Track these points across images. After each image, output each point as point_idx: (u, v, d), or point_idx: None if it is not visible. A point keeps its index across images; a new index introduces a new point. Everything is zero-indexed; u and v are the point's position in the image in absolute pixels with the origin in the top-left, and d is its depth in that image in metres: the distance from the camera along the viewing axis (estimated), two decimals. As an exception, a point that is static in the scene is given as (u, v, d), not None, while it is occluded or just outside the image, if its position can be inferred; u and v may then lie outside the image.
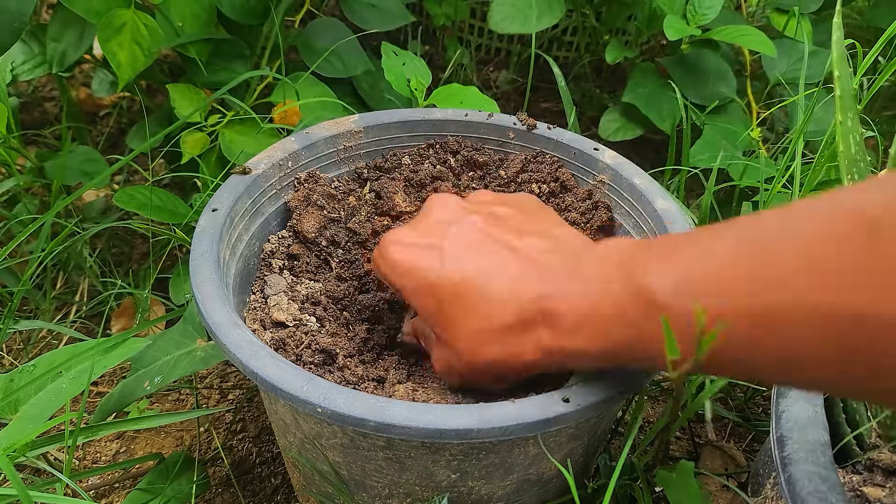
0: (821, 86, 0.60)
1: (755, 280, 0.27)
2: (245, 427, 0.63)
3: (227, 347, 0.38)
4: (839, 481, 0.36)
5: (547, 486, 0.44)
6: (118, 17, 0.63)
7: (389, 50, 0.70)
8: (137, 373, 0.52)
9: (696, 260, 0.30)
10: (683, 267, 0.30)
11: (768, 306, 0.26)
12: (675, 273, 0.30)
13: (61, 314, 0.71)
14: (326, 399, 0.35)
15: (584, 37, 0.96)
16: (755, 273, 0.27)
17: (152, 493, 0.54)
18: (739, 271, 0.27)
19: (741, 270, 0.27)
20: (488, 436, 0.35)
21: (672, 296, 0.29)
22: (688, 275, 0.29)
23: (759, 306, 0.27)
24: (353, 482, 0.43)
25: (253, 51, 0.76)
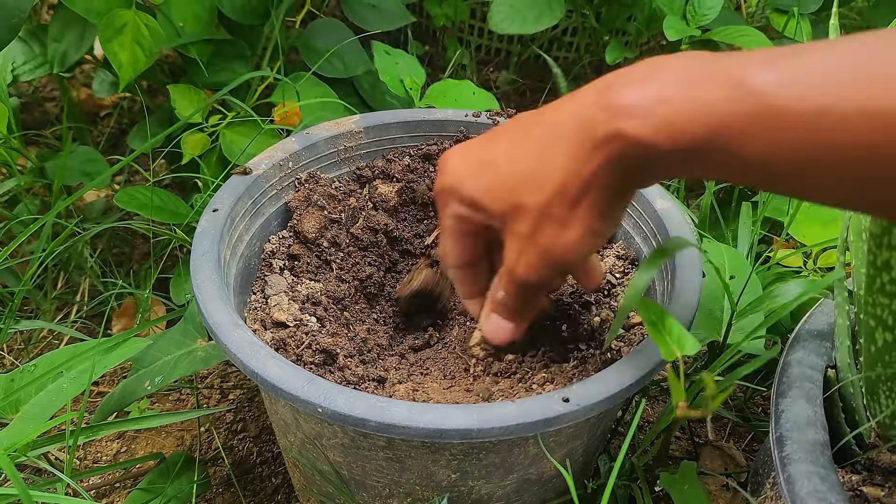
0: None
1: (875, 81, 0.25)
2: (246, 427, 0.63)
3: (227, 347, 0.38)
4: (838, 481, 0.36)
5: (547, 485, 0.44)
6: (119, 17, 0.63)
7: (381, 49, 0.70)
8: (138, 373, 0.52)
9: (799, 62, 0.27)
10: (785, 66, 0.27)
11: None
12: (777, 70, 0.27)
13: (62, 314, 0.71)
14: (327, 399, 0.35)
15: (584, 37, 0.97)
16: (874, 72, 0.25)
17: (153, 493, 0.54)
18: (858, 73, 0.26)
19: (859, 73, 0.26)
20: (488, 435, 0.35)
21: (777, 86, 0.27)
22: (791, 70, 0.27)
23: (880, 107, 0.25)
24: (354, 482, 0.43)
25: (254, 51, 0.76)
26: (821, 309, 0.48)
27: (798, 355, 0.44)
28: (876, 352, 0.39)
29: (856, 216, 0.42)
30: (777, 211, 0.68)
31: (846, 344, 0.42)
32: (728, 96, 0.28)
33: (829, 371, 0.43)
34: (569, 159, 0.32)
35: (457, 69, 0.98)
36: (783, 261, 0.66)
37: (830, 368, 0.44)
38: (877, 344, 0.39)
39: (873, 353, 0.39)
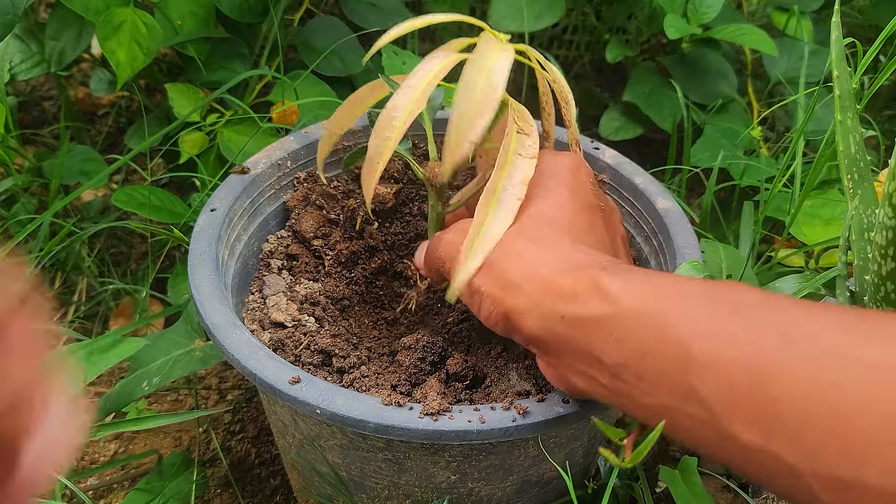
0: (821, 85, 0.60)
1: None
2: (244, 428, 0.63)
3: (225, 348, 0.38)
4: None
5: (547, 486, 0.44)
6: (117, 15, 0.62)
7: (390, 49, 0.70)
8: (136, 373, 0.52)
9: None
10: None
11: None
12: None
13: (60, 314, 0.71)
14: (325, 400, 0.35)
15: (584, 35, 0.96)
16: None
17: (151, 494, 0.53)
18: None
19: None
20: (488, 437, 0.35)
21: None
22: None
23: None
24: (353, 483, 0.43)
25: (252, 50, 0.75)
26: (822, 309, 0.48)
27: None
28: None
29: (857, 216, 0.42)
30: (778, 210, 0.68)
31: (848, 344, 0.42)
32: None
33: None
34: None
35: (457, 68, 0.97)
36: (785, 260, 0.66)
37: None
38: (880, 346, 0.38)
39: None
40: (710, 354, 0.26)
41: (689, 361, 0.27)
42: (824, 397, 0.23)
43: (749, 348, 0.26)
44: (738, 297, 0.28)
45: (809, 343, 0.25)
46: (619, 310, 0.29)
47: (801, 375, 0.24)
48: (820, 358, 0.24)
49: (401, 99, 0.36)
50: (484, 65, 0.34)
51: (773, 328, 0.26)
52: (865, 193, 0.41)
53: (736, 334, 0.26)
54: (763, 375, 0.25)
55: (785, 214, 0.67)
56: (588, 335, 0.30)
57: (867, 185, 0.41)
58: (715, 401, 0.26)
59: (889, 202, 0.36)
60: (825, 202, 0.67)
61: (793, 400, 0.24)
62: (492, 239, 0.35)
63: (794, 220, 0.62)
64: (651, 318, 0.28)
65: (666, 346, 0.28)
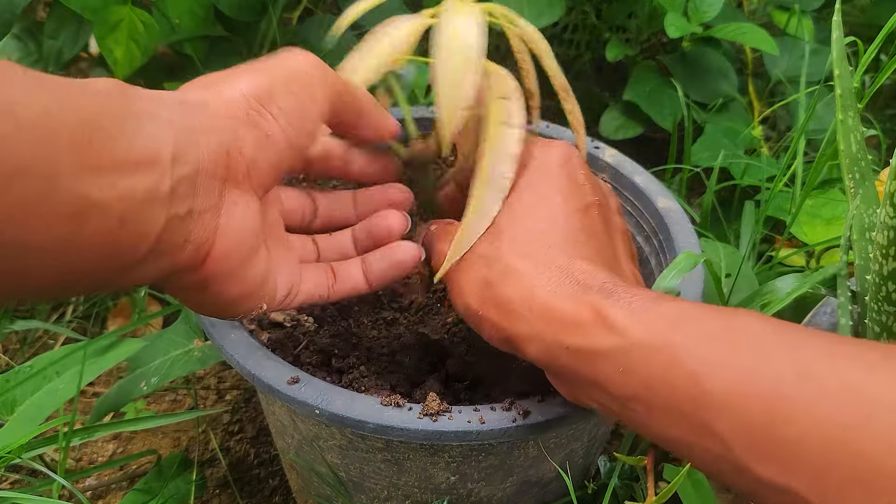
0: (822, 84, 0.60)
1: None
2: (243, 428, 0.63)
3: (224, 348, 0.38)
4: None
5: (547, 487, 0.44)
6: (115, 13, 0.62)
7: None
8: (134, 373, 0.52)
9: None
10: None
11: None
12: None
13: (57, 314, 0.70)
14: (324, 400, 0.35)
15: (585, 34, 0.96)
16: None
17: (149, 494, 0.53)
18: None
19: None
20: (488, 437, 0.35)
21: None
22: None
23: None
24: (352, 484, 0.42)
25: (250, 48, 0.75)
26: (824, 308, 0.47)
27: (801, 356, 0.43)
28: (881, 354, 0.39)
29: (858, 215, 0.41)
30: (779, 210, 0.68)
31: (850, 344, 0.42)
32: None
33: (833, 372, 0.43)
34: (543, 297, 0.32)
35: (456, 67, 0.97)
36: (785, 260, 0.66)
37: (834, 369, 0.43)
38: (881, 347, 0.38)
39: (878, 355, 0.39)
40: (724, 391, 0.25)
41: (702, 398, 0.26)
42: (848, 440, 0.22)
43: (765, 384, 0.24)
44: (752, 327, 0.27)
45: (830, 380, 0.24)
46: (626, 342, 0.28)
47: (821, 415, 0.23)
48: (841, 396, 0.23)
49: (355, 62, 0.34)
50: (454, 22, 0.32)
51: (790, 363, 0.25)
52: (867, 193, 0.41)
53: (751, 369, 0.25)
54: (781, 413, 0.24)
55: (786, 214, 0.67)
56: (594, 367, 0.29)
57: (868, 184, 0.41)
58: (731, 438, 0.25)
59: (890, 201, 0.35)
60: (826, 202, 0.67)
61: (813, 440, 0.23)
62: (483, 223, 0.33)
63: (794, 219, 0.62)
64: (661, 353, 0.27)
65: (677, 382, 0.26)
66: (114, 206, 0.24)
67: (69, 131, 0.22)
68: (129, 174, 0.24)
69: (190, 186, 0.26)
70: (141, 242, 0.25)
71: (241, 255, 0.29)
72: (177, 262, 0.27)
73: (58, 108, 0.22)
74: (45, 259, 0.23)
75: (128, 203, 0.24)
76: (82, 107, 0.23)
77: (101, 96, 0.24)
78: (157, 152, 0.25)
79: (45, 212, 0.22)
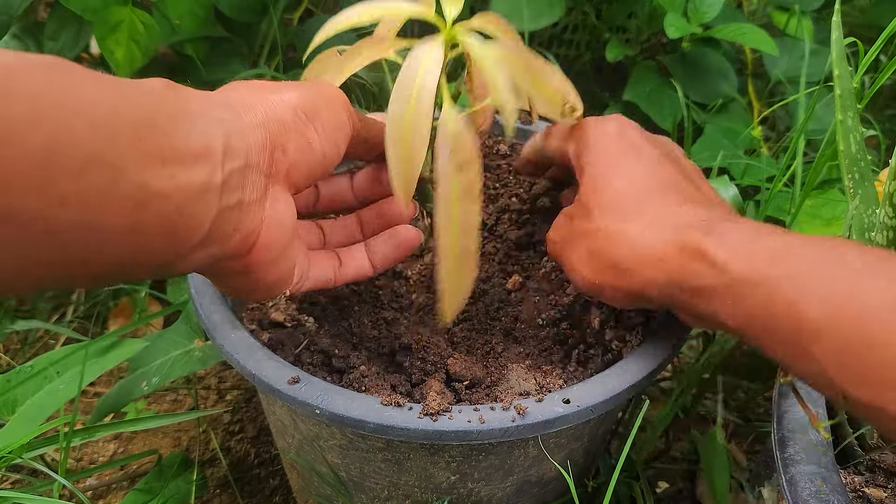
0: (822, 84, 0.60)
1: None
2: (243, 428, 0.63)
3: (224, 348, 0.38)
4: (841, 482, 0.36)
5: (547, 487, 0.44)
6: (115, 14, 0.62)
7: None
8: (135, 373, 0.52)
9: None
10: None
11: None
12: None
13: (58, 314, 0.70)
14: (324, 400, 0.35)
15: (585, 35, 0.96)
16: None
17: (150, 494, 0.53)
18: None
19: None
20: (488, 437, 0.35)
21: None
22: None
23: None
24: (352, 483, 0.43)
25: (251, 49, 0.75)
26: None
27: (800, 356, 0.44)
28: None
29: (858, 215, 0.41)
30: (779, 210, 0.68)
31: (849, 344, 0.42)
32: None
33: (832, 371, 0.43)
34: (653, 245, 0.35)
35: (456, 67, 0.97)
36: (784, 260, 0.65)
37: (833, 369, 0.43)
38: (880, 345, 0.38)
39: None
40: (820, 318, 0.28)
41: (799, 324, 0.29)
42: None
43: (860, 311, 0.27)
44: (849, 256, 0.29)
45: None
46: (729, 279, 0.31)
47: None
48: None
49: None
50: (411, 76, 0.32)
51: (885, 291, 0.27)
52: (866, 193, 0.41)
53: (846, 296, 0.28)
54: (875, 338, 0.27)
55: (785, 214, 0.67)
56: (706, 301, 0.32)
57: (868, 184, 0.41)
58: (826, 361, 0.28)
59: (890, 202, 0.35)
60: (826, 202, 0.67)
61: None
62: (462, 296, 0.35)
63: (794, 219, 0.62)
64: (761, 286, 0.30)
65: (777, 310, 0.29)
66: (172, 195, 0.26)
67: (132, 128, 0.24)
68: (185, 167, 0.26)
69: (240, 179, 0.29)
70: (196, 230, 0.27)
71: (281, 245, 0.32)
72: (226, 249, 0.30)
73: (122, 106, 0.24)
74: (114, 243, 0.25)
75: (185, 193, 0.26)
76: (141, 105, 0.25)
77: (156, 95, 0.26)
78: (210, 147, 0.27)
79: (114, 199, 0.24)
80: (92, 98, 0.24)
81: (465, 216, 0.33)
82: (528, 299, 0.47)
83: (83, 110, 0.23)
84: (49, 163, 0.22)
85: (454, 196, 0.33)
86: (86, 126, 0.23)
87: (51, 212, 0.22)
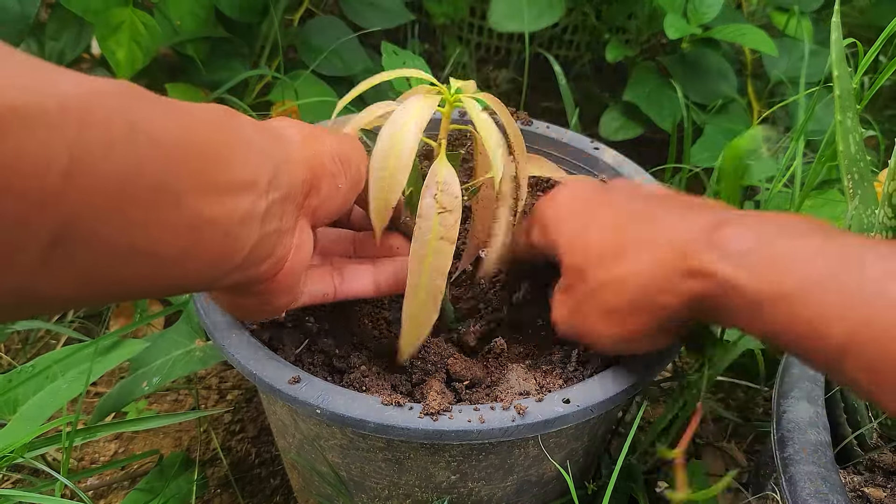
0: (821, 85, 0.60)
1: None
2: (244, 427, 0.63)
3: (225, 348, 0.38)
4: (840, 482, 0.36)
5: (547, 486, 0.44)
6: (116, 15, 0.62)
7: (390, 49, 0.70)
8: (136, 373, 0.52)
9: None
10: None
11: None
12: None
13: (60, 314, 0.71)
14: (325, 400, 0.35)
15: (585, 35, 0.96)
16: None
17: (151, 494, 0.53)
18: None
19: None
20: (488, 437, 0.35)
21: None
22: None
23: None
24: (353, 483, 0.43)
25: (252, 49, 0.75)
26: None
27: (800, 356, 0.44)
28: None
29: (857, 215, 0.42)
30: (779, 210, 0.68)
31: (848, 344, 0.42)
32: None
33: (831, 371, 0.43)
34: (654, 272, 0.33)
35: (456, 67, 0.97)
36: (784, 260, 0.66)
37: (832, 369, 0.43)
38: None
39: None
40: (843, 337, 0.27)
41: (825, 343, 0.28)
42: None
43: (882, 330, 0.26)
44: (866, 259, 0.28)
45: None
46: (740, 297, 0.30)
47: None
48: None
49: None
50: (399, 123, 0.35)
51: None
52: (865, 193, 0.41)
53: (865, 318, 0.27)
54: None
55: (785, 214, 0.67)
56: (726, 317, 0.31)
57: (867, 185, 0.41)
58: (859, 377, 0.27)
59: (889, 202, 0.36)
60: (825, 202, 0.67)
61: None
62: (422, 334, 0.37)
63: (794, 220, 0.62)
64: (778, 303, 0.29)
65: (799, 329, 0.28)
66: (221, 221, 0.27)
67: (194, 157, 0.26)
68: (234, 195, 0.28)
69: (280, 209, 0.30)
70: (238, 253, 0.29)
71: (299, 273, 0.34)
72: (259, 272, 0.31)
73: (186, 135, 0.26)
74: (166, 265, 0.26)
75: (231, 219, 0.28)
76: (203, 134, 0.27)
77: (216, 123, 0.28)
78: (258, 178, 0.29)
79: (171, 225, 0.25)
80: (159, 125, 0.24)
81: (438, 258, 0.35)
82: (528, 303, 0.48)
83: (151, 139, 0.24)
84: (119, 192, 0.22)
85: (433, 235, 0.35)
86: (154, 155, 0.24)
87: (115, 237, 0.23)
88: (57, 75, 0.21)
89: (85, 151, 0.21)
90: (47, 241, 0.21)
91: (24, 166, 0.19)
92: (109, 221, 0.23)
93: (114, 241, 0.23)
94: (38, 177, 0.20)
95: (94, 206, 0.22)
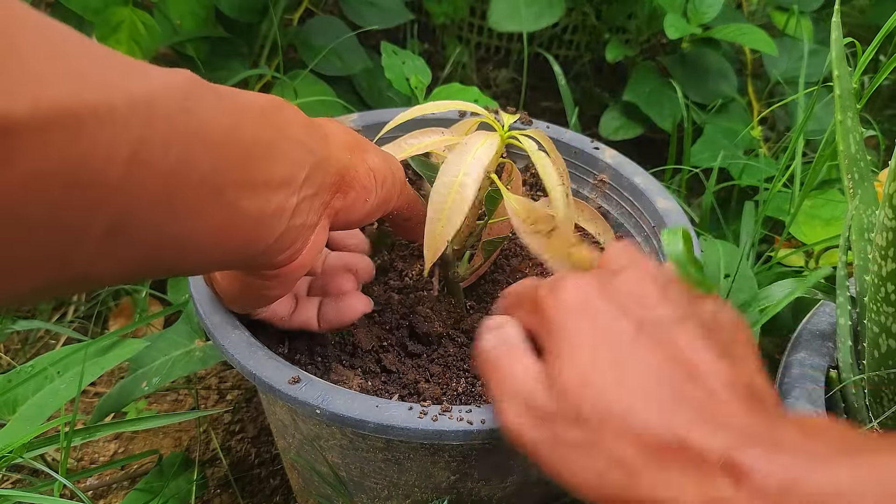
0: (821, 84, 0.60)
1: None
2: (244, 428, 0.63)
3: (225, 348, 0.38)
4: (841, 483, 0.36)
5: (548, 486, 0.44)
6: (116, 14, 0.62)
7: (389, 49, 0.70)
8: (135, 373, 0.52)
9: None
10: None
11: None
12: None
13: (59, 314, 0.71)
14: (325, 400, 0.35)
15: (585, 35, 0.96)
16: None
17: (150, 494, 0.53)
18: None
19: None
20: (488, 437, 0.35)
21: None
22: None
23: None
24: (352, 483, 0.43)
25: (251, 49, 0.75)
26: (823, 308, 0.48)
27: (800, 355, 0.44)
28: (880, 357, 0.39)
29: (857, 216, 0.41)
30: (778, 210, 0.68)
31: (848, 344, 0.42)
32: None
33: (832, 371, 0.43)
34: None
35: (456, 67, 0.97)
36: (784, 260, 0.66)
37: (832, 369, 0.43)
38: (880, 350, 0.39)
39: (877, 358, 0.39)
40: None
41: None
42: None
43: None
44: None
45: None
46: None
47: None
48: None
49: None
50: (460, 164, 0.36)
51: None
52: (865, 193, 0.41)
53: None
54: None
55: (785, 214, 0.67)
56: None
57: (867, 185, 0.41)
58: None
59: (889, 203, 0.36)
60: (825, 202, 0.67)
61: None
62: None
63: (793, 219, 0.62)
64: None
65: None
66: (254, 212, 0.28)
67: (239, 154, 0.27)
68: (271, 191, 0.28)
69: (308, 204, 0.31)
70: (263, 241, 0.30)
71: (305, 269, 0.34)
72: (275, 259, 0.32)
73: (234, 130, 0.26)
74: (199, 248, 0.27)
75: (265, 211, 0.28)
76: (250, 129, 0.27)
77: (264, 120, 0.28)
78: (296, 175, 0.30)
79: (211, 217, 0.26)
80: (210, 119, 0.25)
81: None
82: None
83: (203, 135, 0.24)
84: (169, 185, 0.23)
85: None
86: (204, 151, 0.24)
87: (161, 226, 0.24)
88: (128, 69, 0.22)
89: (145, 148, 0.22)
90: (103, 231, 0.22)
91: (92, 162, 0.20)
92: (157, 212, 0.23)
93: (159, 230, 0.24)
94: (102, 172, 0.21)
95: (147, 199, 0.23)
